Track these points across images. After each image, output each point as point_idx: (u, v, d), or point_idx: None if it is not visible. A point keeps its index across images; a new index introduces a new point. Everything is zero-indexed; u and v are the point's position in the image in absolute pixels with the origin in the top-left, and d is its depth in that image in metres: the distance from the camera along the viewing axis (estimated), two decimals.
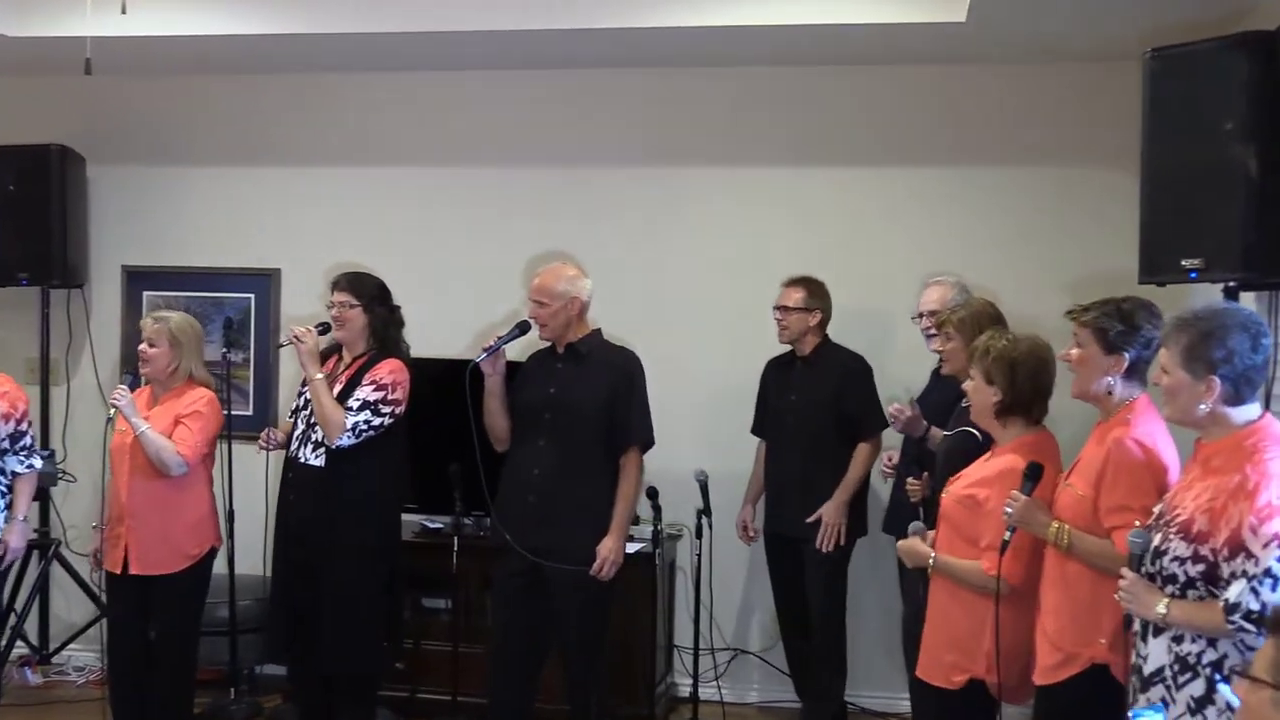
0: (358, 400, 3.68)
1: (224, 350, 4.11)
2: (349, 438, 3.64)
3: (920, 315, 3.84)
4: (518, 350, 4.01)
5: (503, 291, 4.78)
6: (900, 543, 2.95)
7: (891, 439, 4.07)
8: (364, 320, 3.77)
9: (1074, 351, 2.68)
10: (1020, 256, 4.55)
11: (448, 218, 4.98)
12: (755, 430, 4.47)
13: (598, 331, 3.74)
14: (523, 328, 3.65)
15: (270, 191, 5.10)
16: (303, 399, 3.82)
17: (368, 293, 3.80)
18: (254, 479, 4.39)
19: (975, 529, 2.79)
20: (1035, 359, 2.82)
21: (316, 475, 3.68)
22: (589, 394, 3.60)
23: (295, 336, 3.69)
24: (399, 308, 3.89)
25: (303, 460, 3.71)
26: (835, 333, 4.36)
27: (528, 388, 3.69)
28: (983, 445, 2.98)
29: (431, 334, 4.61)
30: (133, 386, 3.78)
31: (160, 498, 3.75)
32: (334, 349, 3.84)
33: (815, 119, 4.73)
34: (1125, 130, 3.81)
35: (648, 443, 3.67)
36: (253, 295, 5.11)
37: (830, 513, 4.13)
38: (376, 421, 3.66)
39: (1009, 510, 2.64)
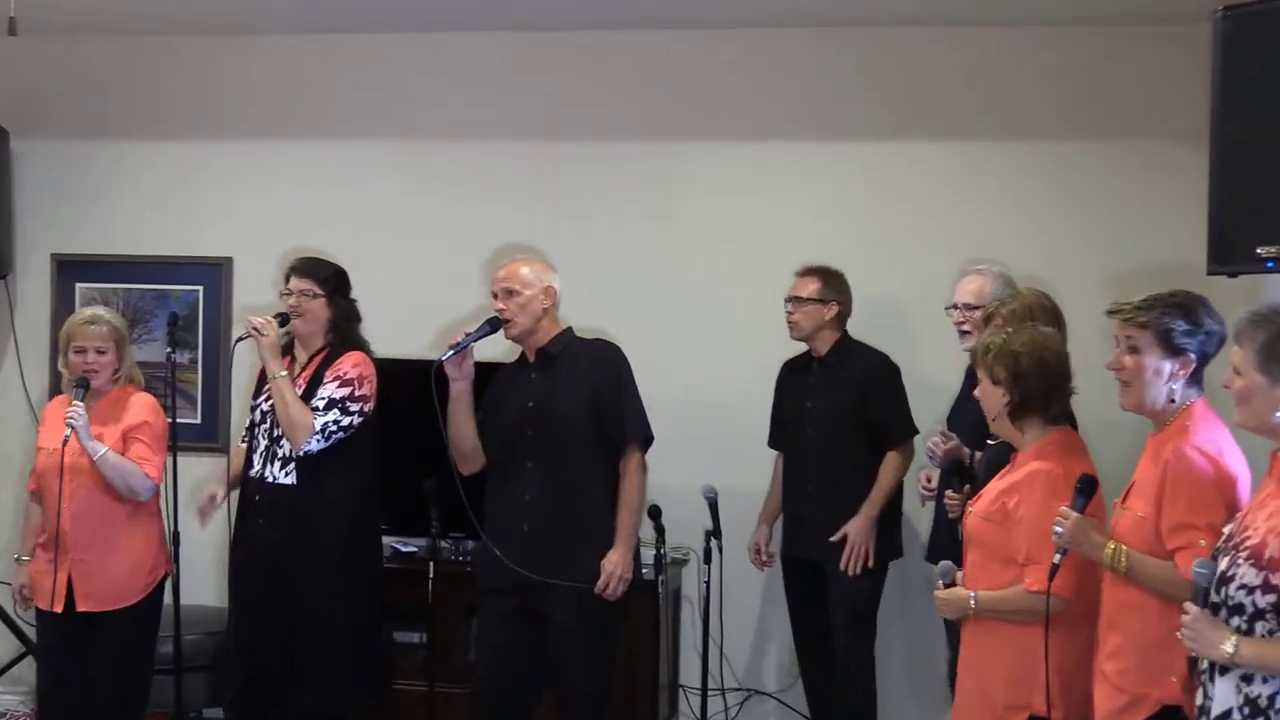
0: (323, 399, 3.69)
1: (168, 350, 4.09)
2: (317, 441, 3.66)
3: (955, 307, 3.83)
4: (490, 353, 4.00)
5: (482, 283, 4.73)
6: (938, 594, 2.94)
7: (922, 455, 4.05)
8: (326, 312, 3.79)
9: (1127, 358, 2.66)
10: (1066, 244, 4.57)
11: (422, 200, 5.00)
12: (772, 442, 4.47)
13: (569, 330, 3.73)
14: (494, 324, 3.64)
15: (221, 170, 5.11)
16: (259, 412, 3.81)
17: (330, 281, 3.82)
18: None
19: (1009, 544, 2.79)
20: (1038, 347, 2.85)
21: (289, 494, 3.69)
22: (571, 398, 3.59)
23: (254, 328, 3.67)
24: (355, 300, 3.91)
25: (270, 479, 3.72)
26: (858, 329, 4.36)
27: (503, 408, 3.68)
28: None
29: (401, 331, 4.64)
30: (81, 398, 3.76)
31: (110, 524, 3.75)
32: (286, 347, 3.84)
33: (835, 87, 4.74)
34: (1192, 100, 3.82)
35: (647, 439, 3.67)
36: (201, 288, 5.12)
37: (856, 530, 4.13)
38: (345, 421, 3.68)
39: (1058, 530, 2.64)
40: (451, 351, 3.55)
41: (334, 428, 3.66)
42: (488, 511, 3.64)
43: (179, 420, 4.06)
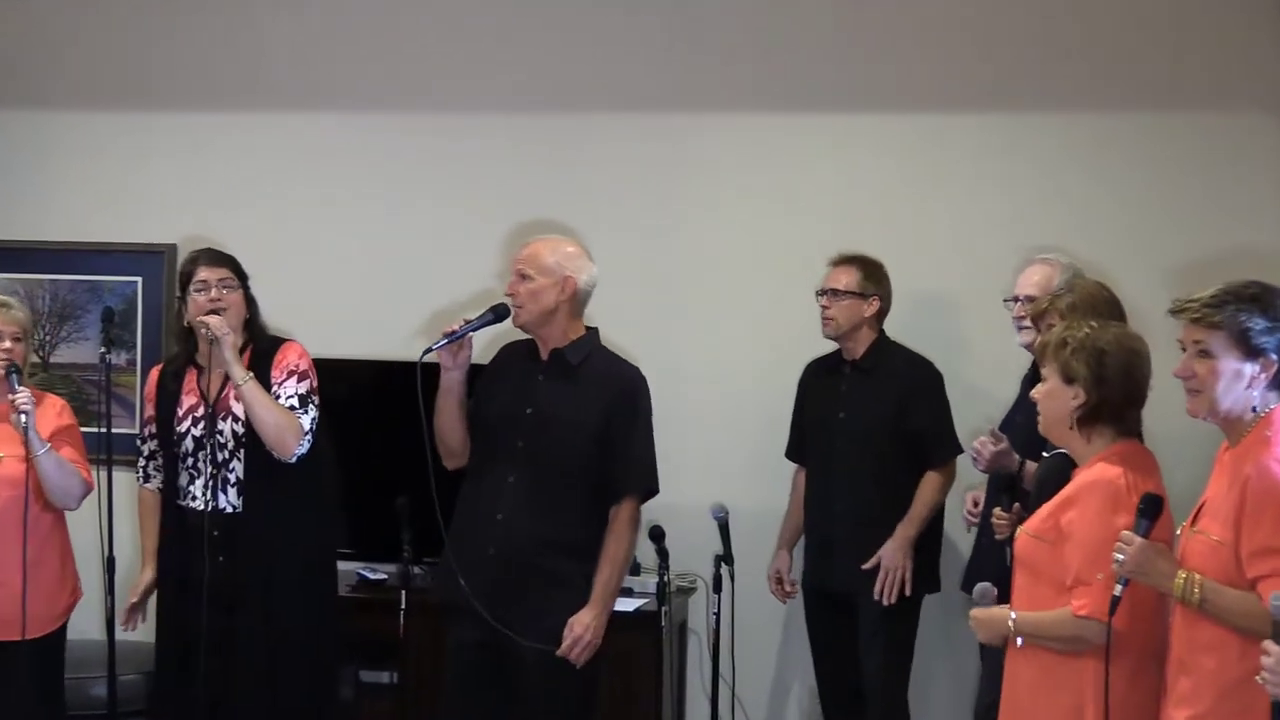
0: (291, 396, 3.71)
1: (102, 350, 4.06)
2: (307, 443, 3.70)
3: (1016, 299, 3.83)
4: (483, 344, 3.99)
5: (456, 275, 4.80)
6: (974, 614, 2.94)
7: (970, 472, 4.05)
8: (243, 305, 3.81)
9: (1199, 365, 2.65)
10: (1124, 230, 4.57)
11: (393, 181, 5.00)
12: (792, 453, 4.46)
13: (594, 334, 3.69)
14: (498, 313, 3.62)
15: (161, 144, 5.09)
16: (191, 440, 3.76)
17: (239, 268, 3.84)
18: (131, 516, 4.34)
19: (1059, 567, 2.79)
20: (1127, 350, 2.84)
21: (243, 522, 3.70)
22: (578, 419, 3.56)
23: (213, 330, 3.66)
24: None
25: (224, 509, 3.73)
26: (897, 330, 4.35)
27: (498, 400, 3.66)
28: None
29: (368, 329, 4.71)
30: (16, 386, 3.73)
31: (19, 539, 3.72)
32: (188, 355, 3.84)
33: (867, 52, 4.74)
34: (1270, 69, 3.81)
35: (649, 491, 3.64)
36: (139, 279, 5.11)
37: (891, 555, 4.13)
38: (316, 417, 3.72)
39: (1120, 557, 2.63)
40: (445, 340, 3.54)
41: (311, 426, 3.69)
42: (454, 519, 3.62)
43: (115, 430, 4.03)
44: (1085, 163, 4.63)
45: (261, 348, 3.80)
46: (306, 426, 3.68)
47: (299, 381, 3.73)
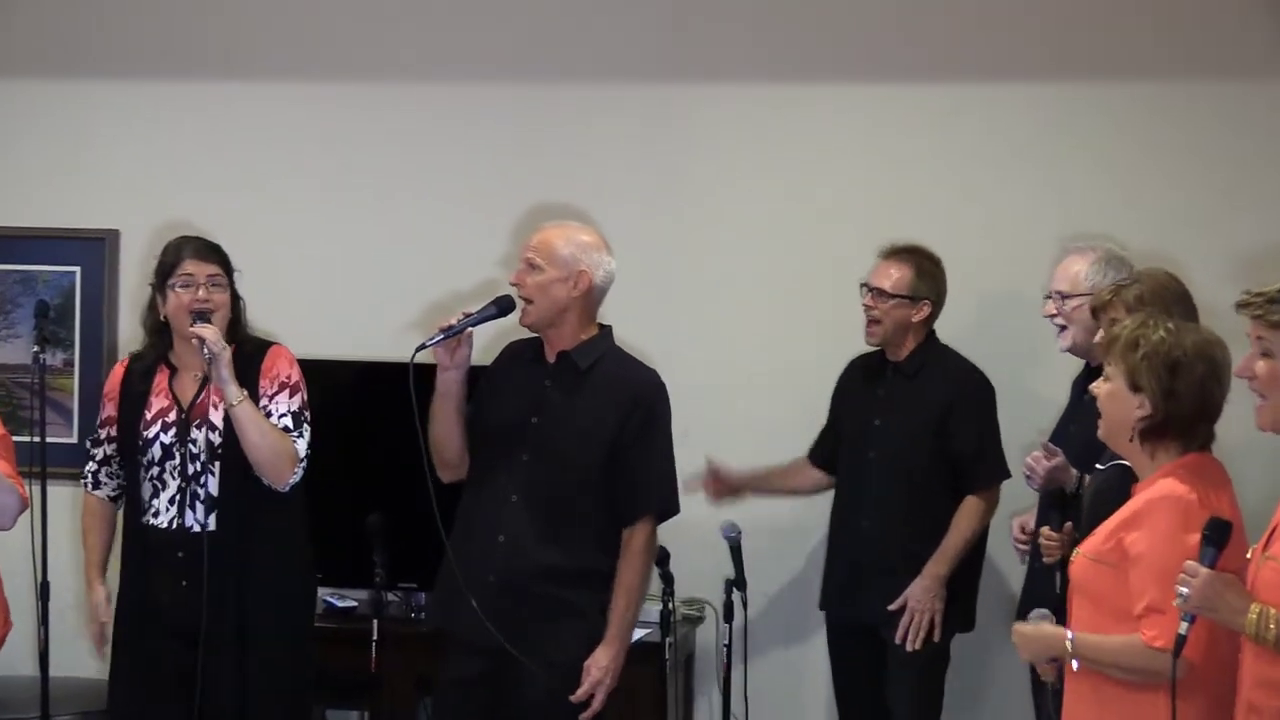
0: (284, 415, 3.70)
1: (35, 349, 4.03)
2: (301, 470, 3.70)
3: (1051, 296, 3.84)
4: (485, 342, 3.95)
5: (445, 266, 4.80)
6: (1018, 628, 2.95)
7: (1016, 496, 4.05)
8: (228, 306, 3.78)
9: (1260, 364, 2.65)
10: (1184, 213, 4.56)
11: (365, 158, 4.99)
12: (814, 455, 4.45)
13: (607, 334, 3.67)
14: (502, 306, 3.61)
15: (106, 116, 5.06)
16: (159, 446, 3.75)
17: (228, 263, 3.81)
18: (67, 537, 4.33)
19: (1123, 593, 2.78)
20: (1206, 360, 2.82)
21: (214, 544, 3.67)
22: (588, 429, 3.56)
23: (208, 344, 3.60)
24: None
25: (191, 528, 3.70)
26: (943, 330, 4.35)
27: (499, 407, 3.66)
28: None
29: (339, 326, 4.72)
30: None
31: None
32: (157, 355, 3.82)
33: (900, 13, 4.75)
34: None
35: (667, 511, 3.63)
36: (78, 269, 5.10)
37: (919, 596, 4.13)
38: (310, 439, 3.72)
39: (1184, 590, 2.61)
40: (441, 335, 3.51)
41: (307, 452, 3.69)
42: (452, 538, 3.61)
43: (50, 440, 4.01)
44: (1142, 138, 4.64)
45: (246, 351, 3.77)
46: (302, 452, 3.66)
47: (291, 396, 3.71)
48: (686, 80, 4.84)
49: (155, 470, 3.74)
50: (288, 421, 3.68)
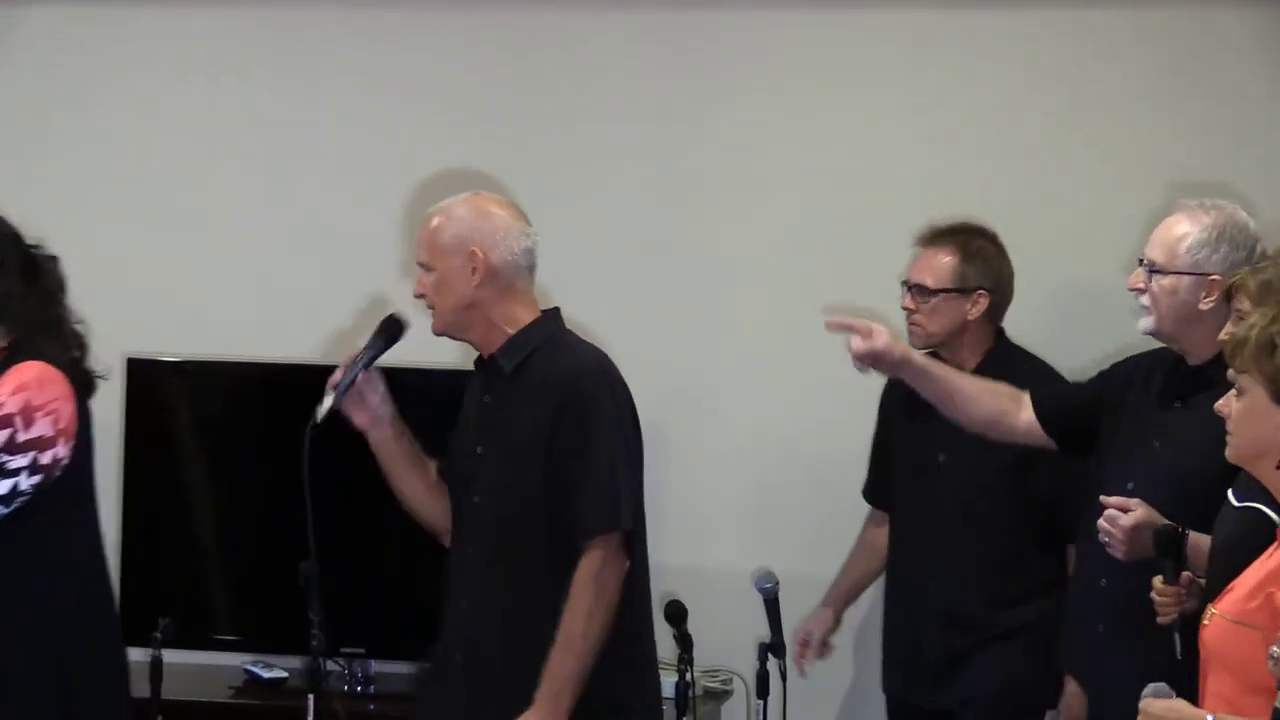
0: None
1: None
2: None
3: (1142, 262, 3.76)
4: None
5: (392, 241, 4.81)
6: (1147, 705, 2.86)
7: None
8: None
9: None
10: None
11: (280, 101, 5.02)
12: (870, 494, 4.47)
13: (545, 321, 3.68)
14: (390, 332, 3.65)
15: None
16: None
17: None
18: None
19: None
20: None
21: None
22: (523, 449, 3.58)
23: None
24: (51, 257, 3.75)
25: None
26: (1016, 326, 4.28)
27: (458, 440, 3.74)
28: None
29: (268, 323, 4.74)
30: None
31: None
32: None
33: None
34: None
35: (612, 525, 3.55)
36: None
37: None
38: (4, 485, 3.57)
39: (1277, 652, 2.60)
40: (333, 394, 3.55)
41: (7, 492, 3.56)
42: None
43: None
44: (1249, 76, 4.65)
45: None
46: None
47: None
48: (692, 4, 4.87)
49: None
50: None
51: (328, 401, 3.55)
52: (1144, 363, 3.93)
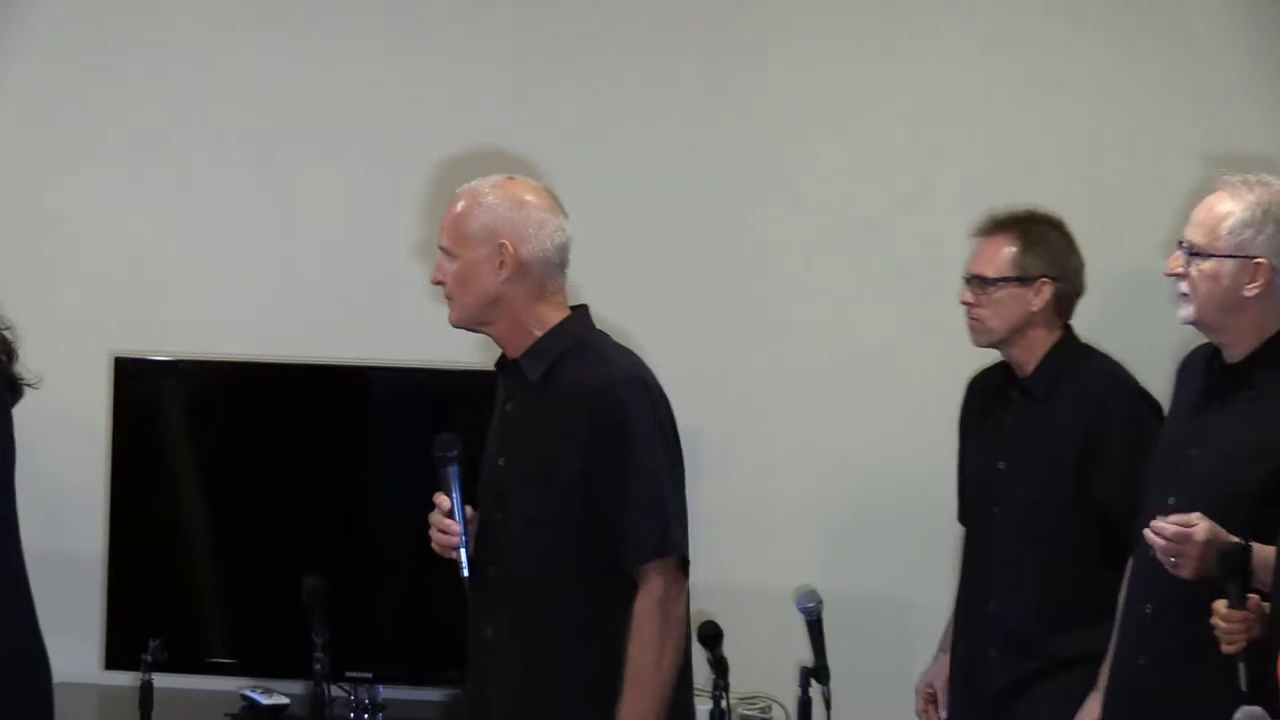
0: None
1: None
2: None
3: (1182, 244, 3.80)
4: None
5: (369, 217, 4.87)
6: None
7: None
8: None
9: None
10: None
11: (292, 88, 5.02)
12: (964, 517, 4.40)
13: (572, 322, 3.64)
14: (448, 451, 3.60)
15: None
16: None
17: None
18: None
19: None
20: None
21: None
22: (548, 470, 3.56)
23: None
24: None
25: None
26: (1086, 324, 4.23)
27: (487, 452, 3.73)
28: None
29: (265, 320, 4.76)
30: None
31: None
32: None
33: None
34: None
35: (667, 549, 3.53)
36: None
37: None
38: None
39: None
40: (455, 553, 3.55)
41: None
42: None
43: None
44: None
45: None
46: None
47: None
48: None
49: None
50: None
51: (464, 571, 3.52)
52: (1189, 361, 3.95)
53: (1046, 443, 4.10)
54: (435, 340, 3.78)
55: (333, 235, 4.99)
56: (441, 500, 3.58)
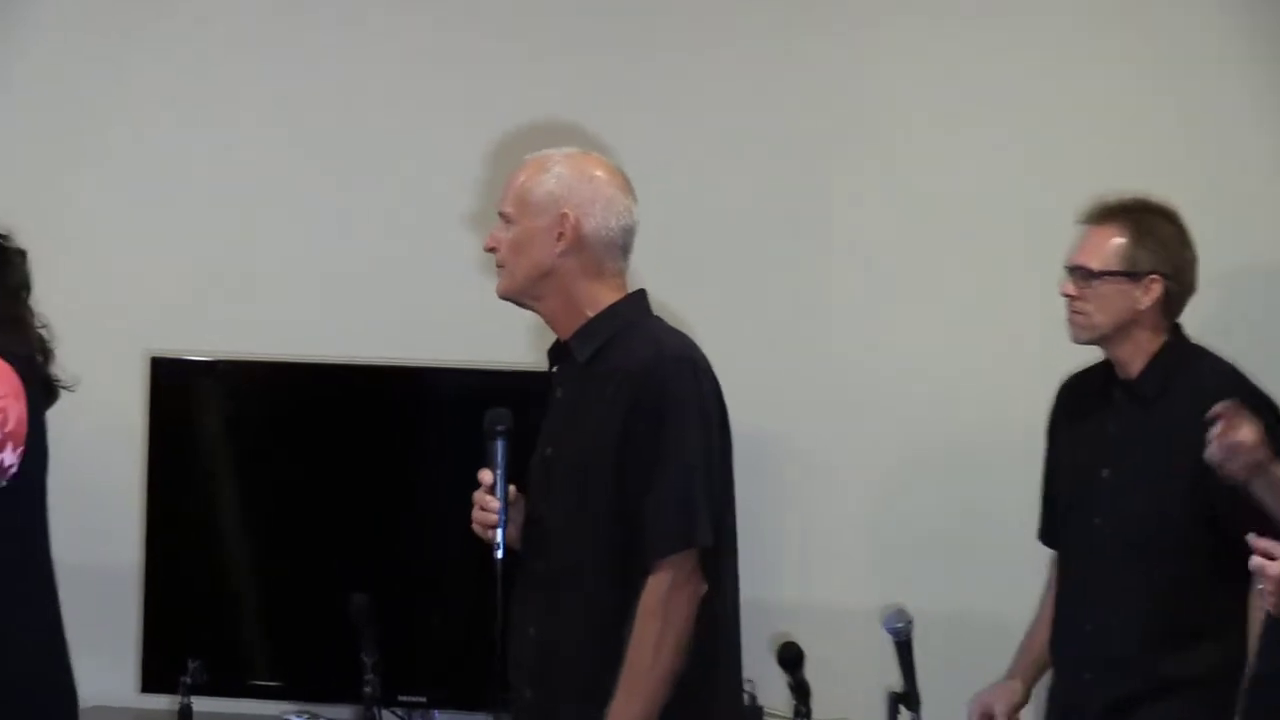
0: None
1: None
2: None
3: None
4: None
5: (416, 208, 4.94)
6: None
7: None
8: None
9: None
10: None
11: (330, 83, 5.12)
12: (1045, 535, 4.37)
13: (627, 304, 3.64)
14: (496, 425, 3.61)
15: None
16: None
17: None
18: None
19: None
20: None
21: None
22: (587, 460, 3.58)
23: None
24: (19, 251, 3.83)
25: None
26: (1196, 322, 4.18)
27: (540, 439, 3.77)
28: None
29: (308, 320, 4.83)
30: None
31: None
32: None
33: None
34: None
35: (685, 542, 3.50)
36: None
37: None
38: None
39: None
40: (492, 532, 3.56)
41: None
42: None
43: None
44: None
45: None
46: None
47: None
48: None
49: None
50: None
51: (497, 553, 3.54)
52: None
53: (1160, 448, 4.06)
54: (485, 340, 3.73)
55: (376, 231, 5.03)
56: (484, 475, 3.59)
